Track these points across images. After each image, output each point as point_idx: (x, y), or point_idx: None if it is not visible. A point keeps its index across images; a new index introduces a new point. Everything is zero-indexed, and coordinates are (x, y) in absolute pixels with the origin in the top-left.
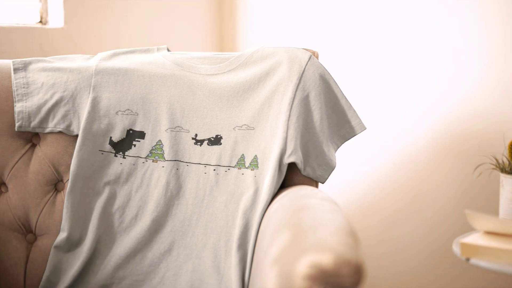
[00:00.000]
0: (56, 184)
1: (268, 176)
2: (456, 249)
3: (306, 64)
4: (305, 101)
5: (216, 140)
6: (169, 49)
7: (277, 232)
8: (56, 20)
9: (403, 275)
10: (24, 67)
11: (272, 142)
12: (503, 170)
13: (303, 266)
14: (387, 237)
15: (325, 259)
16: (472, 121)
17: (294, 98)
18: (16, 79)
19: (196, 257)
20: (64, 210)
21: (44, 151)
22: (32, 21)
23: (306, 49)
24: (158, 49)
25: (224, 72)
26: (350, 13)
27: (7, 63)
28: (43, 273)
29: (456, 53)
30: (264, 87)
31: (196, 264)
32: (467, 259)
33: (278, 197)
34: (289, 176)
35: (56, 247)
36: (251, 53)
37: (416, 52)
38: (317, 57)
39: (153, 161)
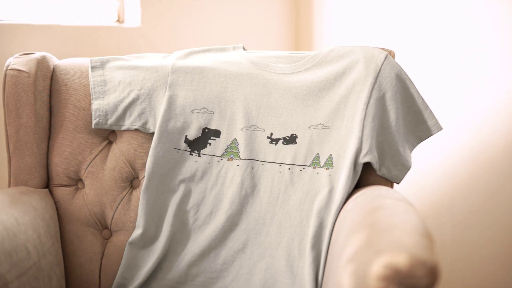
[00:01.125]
0: (132, 181)
1: (343, 176)
2: None
3: (382, 63)
4: (381, 101)
5: (291, 139)
6: (245, 48)
7: (351, 232)
8: (133, 19)
9: (477, 276)
10: (102, 65)
11: (348, 142)
12: None
13: (378, 266)
14: (462, 238)
15: (400, 260)
16: None
17: (370, 97)
18: (94, 77)
19: (270, 255)
20: (140, 207)
21: (120, 148)
22: (109, 20)
23: (383, 49)
24: (234, 48)
25: (299, 71)
26: (426, 13)
27: (85, 61)
28: (118, 269)
29: None
30: (340, 86)
31: (270, 262)
32: None
33: (353, 196)
34: (364, 176)
35: (131, 243)
36: (327, 52)
37: (492, 51)
38: (393, 57)
39: (228, 160)
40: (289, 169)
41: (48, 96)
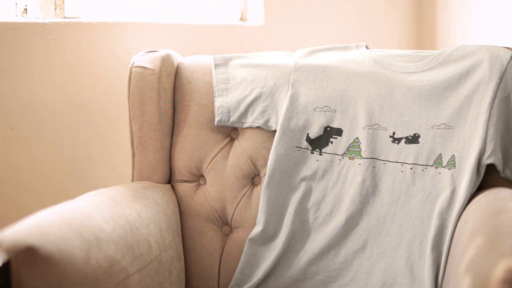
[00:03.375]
0: (253, 178)
1: (466, 177)
2: None
3: (508, 63)
4: (506, 101)
5: (413, 139)
6: (368, 46)
7: (473, 235)
8: (256, 18)
9: None
10: (225, 63)
11: (471, 142)
12: None
13: (500, 270)
14: None
15: None
16: None
17: (494, 98)
18: (217, 75)
19: (390, 256)
20: (260, 204)
21: (242, 146)
22: (233, 19)
23: (508, 48)
24: (356, 47)
25: (423, 70)
26: None
27: (209, 59)
28: (237, 264)
29: None
30: (463, 86)
31: (389, 263)
32: None
33: (475, 198)
34: (487, 178)
35: (251, 240)
36: (451, 51)
37: None
38: None
39: (349, 159)
40: (411, 168)
41: (171, 93)
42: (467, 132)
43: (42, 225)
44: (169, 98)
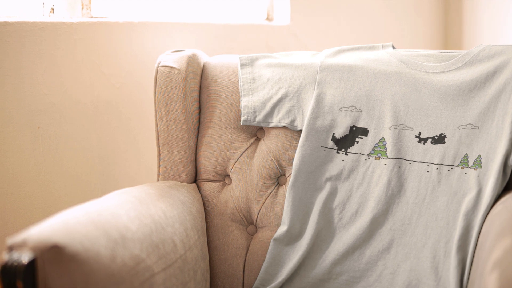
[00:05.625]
0: (278, 178)
1: (492, 178)
2: None
3: None
4: None
5: (440, 139)
6: (394, 46)
7: (499, 236)
8: (282, 17)
9: None
10: (251, 62)
11: (497, 143)
12: None
13: None
14: None
15: None
16: None
17: None
18: (243, 74)
19: (415, 256)
20: (286, 204)
21: (268, 145)
22: (259, 18)
23: None
24: (383, 46)
25: (449, 70)
26: None
27: (235, 59)
28: (262, 264)
29: None
30: (490, 86)
31: (414, 264)
32: None
33: (501, 199)
34: None
35: (276, 239)
36: (478, 51)
37: None
38: None
39: (375, 159)
40: (437, 169)
41: (197, 92)
42: (494, 133)
43: (68, 224)
44: (195, 97)
